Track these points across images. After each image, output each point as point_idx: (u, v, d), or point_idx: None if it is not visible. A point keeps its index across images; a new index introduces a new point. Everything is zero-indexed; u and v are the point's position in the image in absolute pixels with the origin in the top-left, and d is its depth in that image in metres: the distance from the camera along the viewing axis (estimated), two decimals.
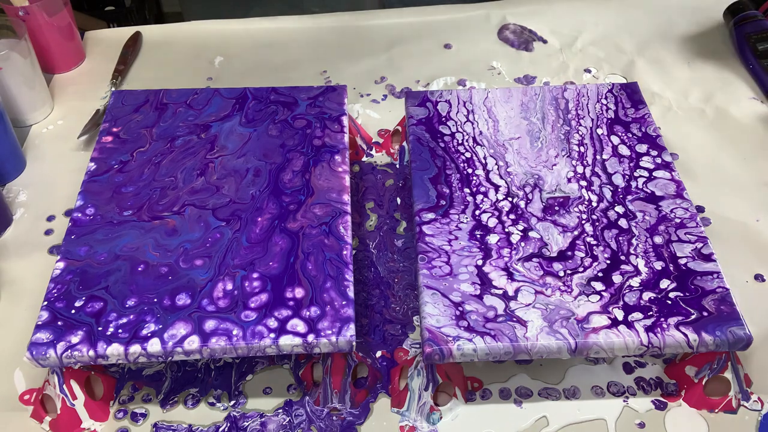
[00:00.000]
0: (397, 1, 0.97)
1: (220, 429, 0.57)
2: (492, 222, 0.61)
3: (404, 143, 0.77)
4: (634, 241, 0.59)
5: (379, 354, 0.62)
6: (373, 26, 0.94)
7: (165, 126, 0.70)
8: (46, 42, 0.86)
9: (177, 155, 0.67)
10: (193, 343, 0.52)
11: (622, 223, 0.60)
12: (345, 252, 0.58)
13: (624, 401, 0.59)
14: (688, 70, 0.88)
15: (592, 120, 0.69)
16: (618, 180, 0.64)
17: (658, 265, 0.57)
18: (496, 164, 0.65)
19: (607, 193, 0.63)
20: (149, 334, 0.53)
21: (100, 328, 0.53)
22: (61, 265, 0.57)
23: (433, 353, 0.53)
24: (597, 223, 0.60)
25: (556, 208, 0.62)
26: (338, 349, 0.53)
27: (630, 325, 0.53)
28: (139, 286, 0.56)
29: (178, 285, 0.56)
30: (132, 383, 0.60)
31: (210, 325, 0.53)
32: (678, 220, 0.60)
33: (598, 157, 0.66)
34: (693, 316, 0.54)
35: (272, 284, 0.56)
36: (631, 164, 0.65)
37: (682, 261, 0.57)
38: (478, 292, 0.55)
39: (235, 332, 0.53)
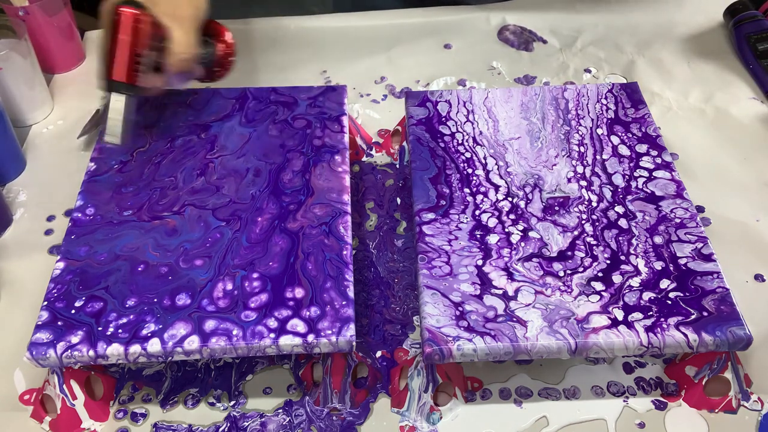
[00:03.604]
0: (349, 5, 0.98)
1: (220, 429, 0.57)
2: (492, 222, 0.61)
3: (404, 143, 0.77)
4: (634, 241, 0.59)
5: (379, 354, 0.62)
6: (373, 26, 0.94)
7: (165, 126, 0.70)
8: (46, 42, 0.86)
9: (177, 155, 0.67)
10: (193, 343, 0.52)
11: (622, 223, 0.60)
12: (345, 252, 0.58)
13: (624, 401, 0.59)
14: (688, 70, 0.88)
15: (592, 120, 0.69)
16: (618, 180, 0.64)
17: (658, 265, 0.57)
18: (496, 164, 0.65)
19: (607, 193, 0.63)
20: (149, 334, 0.53)
21: (100, 328, 0.53)
22: (61, 265, 0.57)
23: (433, 353, 0.53)
24: (597, 223, 0.60)
25: (556, 208, 0.62)
26: (338, 349, 0.53)
27: (630, 325, 0.53)
28: (139, 286, 0.56)
29: (178, 285, 0.56)
30: (132, 383, 0.60)
31: (210, 325, 0.53)
32: (678, 220, 0.60)
33: (598, 157, 0.66)
34: (693, 316, 0.54)
35: (272, 284, 0.56)
36: (631, 164, 0.65)
37: (682, 261, 0.57)
38: (478, 292, 0.55)
39: (235, 332, 0.53)
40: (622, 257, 0.58)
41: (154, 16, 0.61)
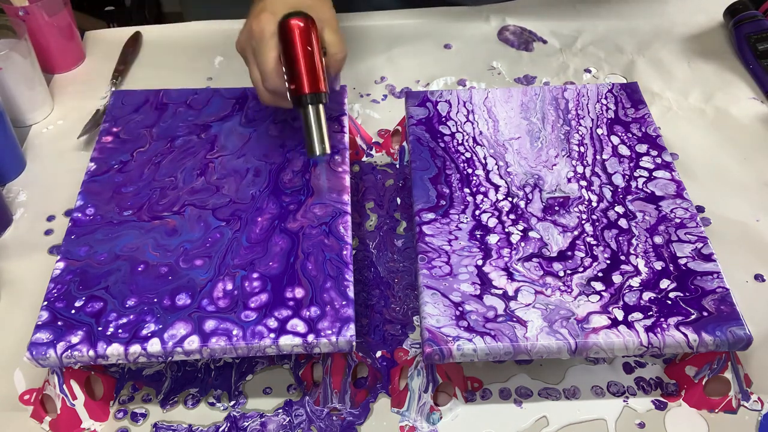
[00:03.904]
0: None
1: (220, 429, 0.57)
2: (492, 222, 0.61)
3: (404, 143, 0.77)
4: (634, 241, 0.59)
5: (379, 354, 0.62)
6: (373, 26, 0.94)
7: (165, 126, 0.70)
8: (46, 42, 0.86)
9: (177, 155, 0.67)
10: (193, 343, 0.52)
11: (622, 223, 0.60)
12: (345, 252, 0.58)
13: (624, 401, 0.59)
14: (688, 70, 0.88)
15: (592, 120, 0.69)
16: (618, 180, 0.64)
17: (658, 265, 0.57)
18: (496, 164, 0.65)
19: (607, 193, 0.63)
20: (149, 334, 0.53)
21: (100, 328, 0.53)
22: (61, 265, 0.57)
23: (433, 353, 0.53)
24: (597, 223, 0.60)
25: (556, 208, 0.62)
26: (338, 349, 0.53)
27: (630, 325, 0.53)
28: (139, 286, 0.56)
29: (178, 285, 0.56)
30: (132, 383, 0.60)
31: (210, 325, 0.53)
32: (678, 220, 0.60)
33: (598, 157, 0.66)
34: (693, 316, 0.54)
35: (272, 284, 0.56)
36: (631, 164, 0.65)
37: (682, 261, 0.57)
38: (478, 292, 0.55)
39: (235, 332, 0.53)
40: (622, 257, 0.58)
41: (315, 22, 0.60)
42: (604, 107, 0.71)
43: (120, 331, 0.53)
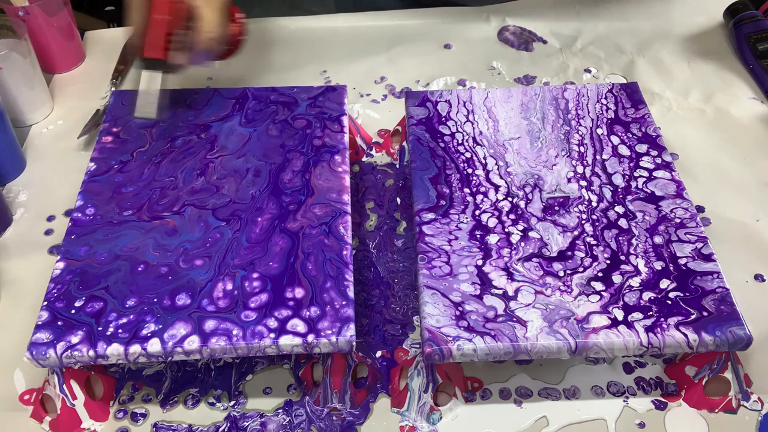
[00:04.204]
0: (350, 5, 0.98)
1: (220, 429, 0.57)
2: (492, 222, 0.61)
3: (404, 143, 0.77)
4: (634, 241, 0.59)
5: (379, 354, 0.62)
6: (373, 26, 0.94)
7: (165, 126, 0.70)
8: (46, 42, 0.86)
9: (177, 155, 0.67)
10: (193, 343, 0.52)
11: (622, 223, 0.60)
12: (345, 252, 0.58)
13: (624, 401, 0.59)
14: (688, 70, 0.88)
15: (592, 120, 0.69)
16: (618, 180, 0.64)
17: (658, 265, 0.57)
18: (496, 164, 0.65)
19: (607, 193, 0.63)
20: (149, 334, 0.53)
21: (100, 328, 0.53)
22: (61, 265, 0.57)
23: (433, 353, 0.53)
24: (597, 223, 0.60)
25: (556, 208, 0.62)
26: (338, 349, 0.53)
27: (630, 325, 0.53)
28: (139, 286, 0.56)
29: (178, 285, 0.56)
30: (132, 383, 0.60)
31: (210, 325, 0.53)
32: (678, 220, 0.60)
33: (598, 157, 0.66)
34: (693, 316, 0.54)
35: (272, 284, 0.56)
36: (631, 164, 0.65)
37: (682, 261, 0.57)
38: (478, 292, 0.55)
39: (235, 332, 0.53)
40: (622, 257, 0.58)
41: None
42: (604, 107, 0.71)
43: (120, 331, 0.53)
